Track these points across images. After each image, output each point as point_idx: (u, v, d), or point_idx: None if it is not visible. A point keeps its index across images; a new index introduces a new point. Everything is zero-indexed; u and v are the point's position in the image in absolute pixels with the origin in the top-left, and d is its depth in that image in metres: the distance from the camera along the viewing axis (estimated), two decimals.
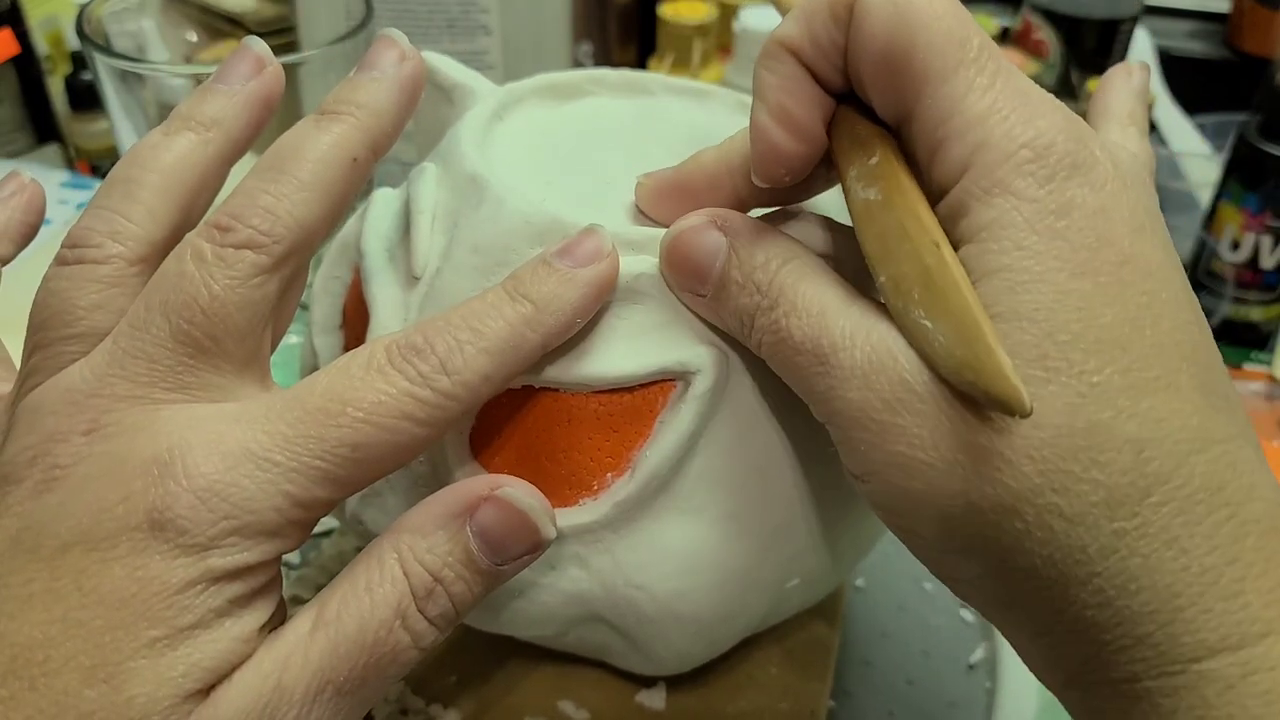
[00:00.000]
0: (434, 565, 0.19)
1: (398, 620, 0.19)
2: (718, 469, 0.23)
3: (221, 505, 0.17)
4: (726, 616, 0.25)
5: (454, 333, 0.19)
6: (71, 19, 0.55)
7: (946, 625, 0.36)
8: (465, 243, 0.23)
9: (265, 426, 0.18)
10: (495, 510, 0.19)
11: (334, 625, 0.18)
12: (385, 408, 0.18)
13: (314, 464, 0.18)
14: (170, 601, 0.17)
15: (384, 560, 0.19)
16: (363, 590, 0.19)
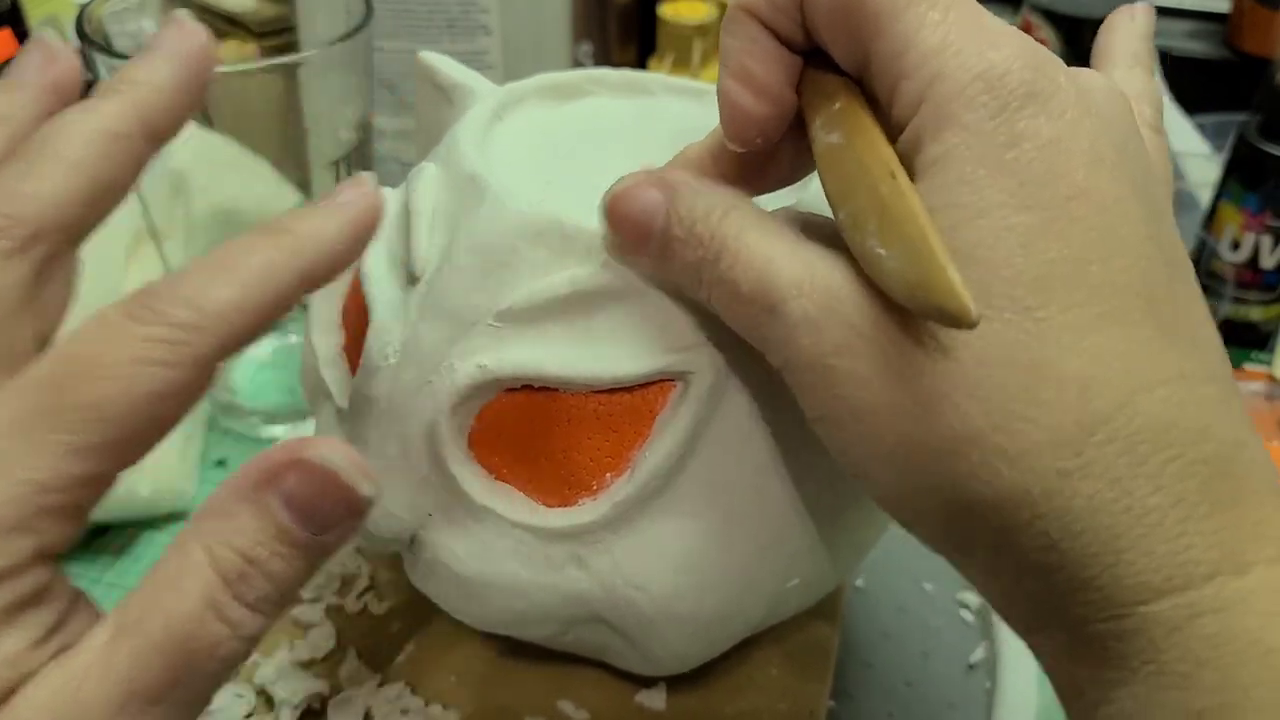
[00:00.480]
0: (243, 546, 0.17)
1: (209, 611, 0.17)
2: (717, 469, 0.23)
3: None
4: (725, 617, 0.25)
5: (197, 272, 0.18)
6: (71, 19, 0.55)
7: (946, 626, 0.36)
8: (465, 243, 0.23)
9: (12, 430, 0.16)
10: (300, 475, 0.17)
11: (136, 628, 0.16)
12: (117, 354, 0.16)
13: (52, 439, 0.16)
14: None
15: (187, 551, 0.17)
16: (166, 587, 0.17)
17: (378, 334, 0.24)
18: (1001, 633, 0.35)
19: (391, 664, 0.31)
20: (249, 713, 0.29)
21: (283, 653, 0.31)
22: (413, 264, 0.24)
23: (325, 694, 0.30)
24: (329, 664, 0.31)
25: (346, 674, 0.30)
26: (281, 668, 0.30)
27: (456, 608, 0.26)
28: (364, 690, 0.30)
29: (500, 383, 0.23)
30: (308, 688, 0.30)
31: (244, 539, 0.17)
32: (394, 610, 0.32)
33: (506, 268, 0.23)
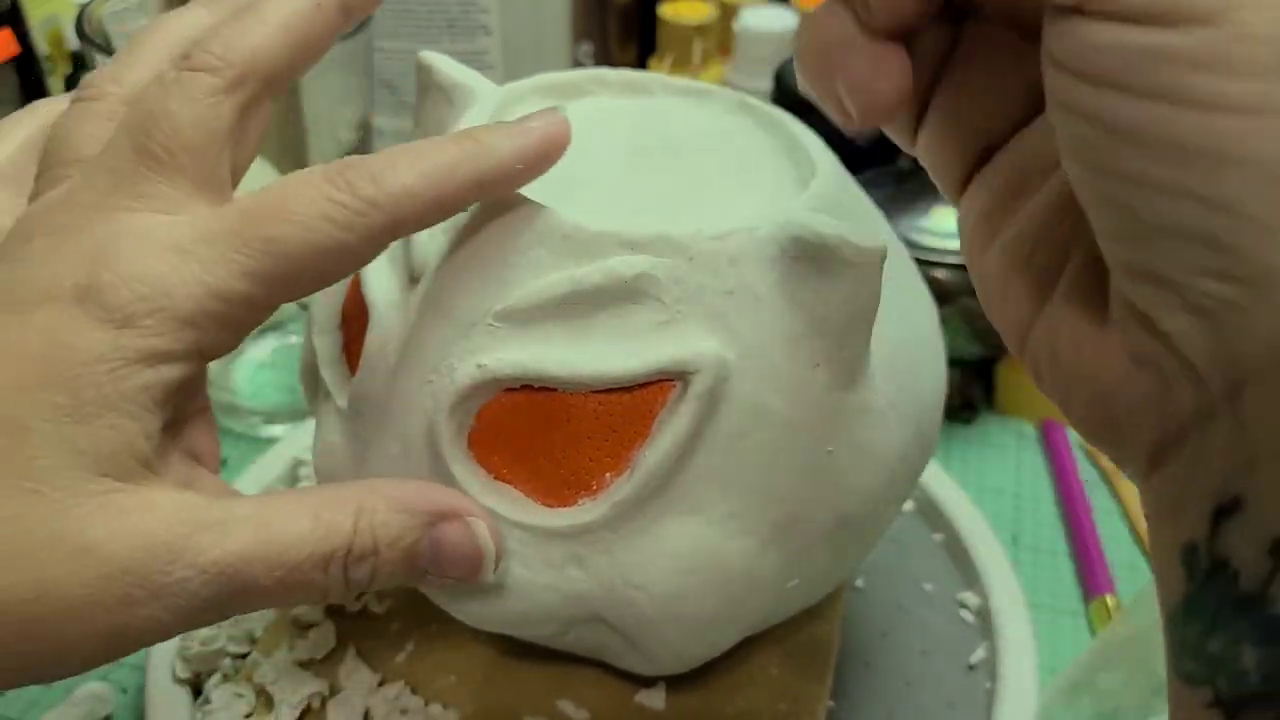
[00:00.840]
0: (383, 538, 0.20)
1: (324, 563, 0.19)
2: (717, 469, 0.23)
3: (140, 287, 0.18)
4: (726, 617, 0.25)
5: (388, 156, 0.20)
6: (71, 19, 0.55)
7: (946, 626, 0.36)
8: (465, 242, 0.23)
9: (195, 225, 0.19)
10: (459, 533, 0.21)
11: (269, 526, 0.19)
12: (306, 206, 0.19)
13: (232, 256, 0.19)
14: (80, 372, 0.18)
15: (345, 503, 0.20)
16: (311, 514, 0.19)
17: (377, 334, 0.24)
18: (1002, 633, 0.35)
19: (391, 664, 0.31)
20: (249, 712, 0.29)
21: (282, 652, 0.31)
22: (412, 264, 0.24)
23: (325, 694, 0.30)
24: (329, 663, 0.31)
25: (346, 673, 0.30)
26: (281, 667, 0.30)
27: (456, 607, 0.25)
28: (363, 690, 0.30)
29: (500, 382, 0.23)
30: (307, 687, 0.30)
31: (387, 533, 0.20)
32: (394, 610, 0.32)
33: (506, 267, 0.23)
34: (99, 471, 0.18)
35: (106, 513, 0.18)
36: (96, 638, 0.18)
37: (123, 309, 0.18)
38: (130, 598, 0.18)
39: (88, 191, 0.20)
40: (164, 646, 0.33)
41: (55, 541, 0.17)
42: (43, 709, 0.33)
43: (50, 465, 0.17)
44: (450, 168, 0.20)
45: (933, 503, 0.40)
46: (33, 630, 0.17)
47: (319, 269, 0.20)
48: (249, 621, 0.33)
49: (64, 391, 0.18)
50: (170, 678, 0.32)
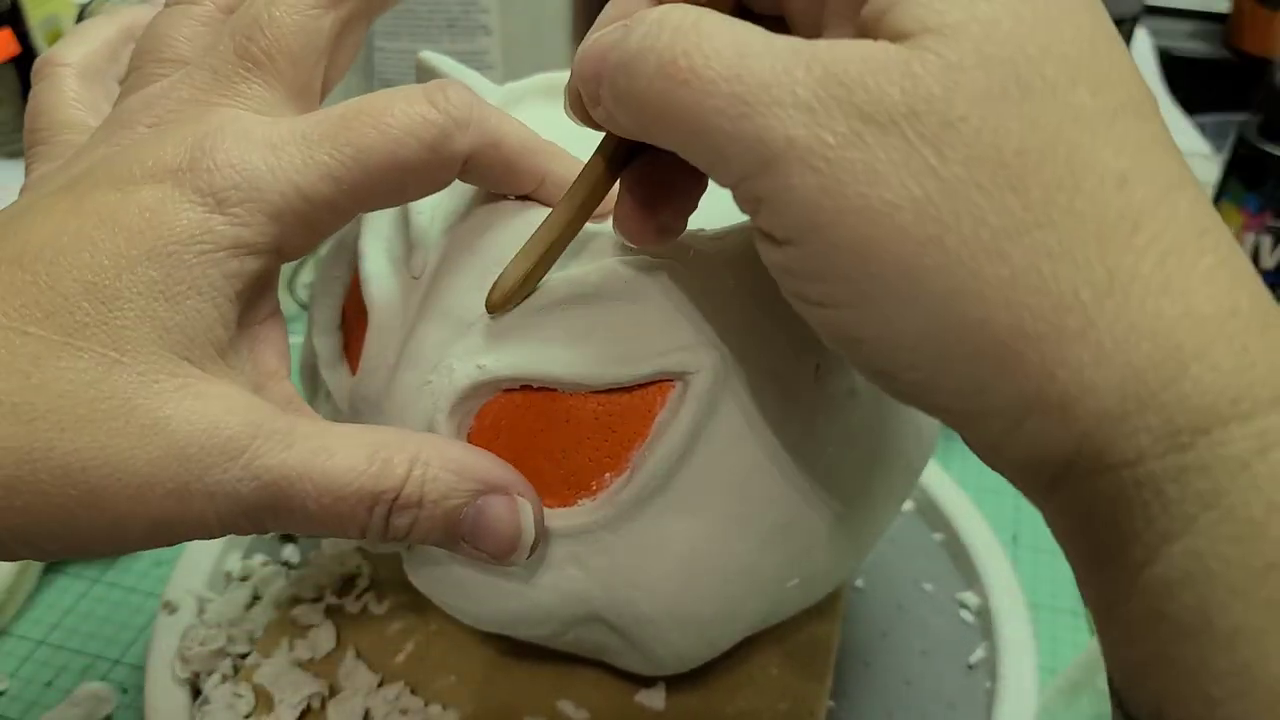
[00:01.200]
0: (430, 493, 0.20)
1: (371, 501, 0.19)
2: (716, 469, 0.23)
3: (234, 176, 0.19)
4: (725, 617, 0.25)
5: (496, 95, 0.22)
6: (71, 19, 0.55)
7: (946, 625, 0.36)
8: (465, 243, 0.23)
9: (292, 125, 0.20)
10: (503, 508, 0.21)
11: (329, 450, 0.19)
12: (401, 119, 0.20)
13: (322, 159, 0.19)
14: (175, 249, 0.18)
15: (403, 448, 0.20)
16: (370, 450, 0.19)
17: (377, 335, 0.24)
18: (1002, 633, 0.35)
19: (391, 664, 0.31)
20: (248, 713, 0.29)
21: (282, 652, 0.31)
22: (412, 264, 0.24)
23: (325, 694, 0.30)
24: (328, 664, 0.31)
25: (346, 674, 0.30)
26: (281, 667, 0.30)
27: (456, 607, 0.25)
28: (363, 690, 0.30)
29: (499, 383, 0.23)
30: (307, 688, 0.30)
31: (435, 488, 0.20)
32: (394, 610, 0.32)
33: (505, 267, 0.23)
34: (180, 354, 0.18)
35: (182, 395, 0.18)
36: (146, 519, 0.18)
37: (217, 193, 0.19)
38: (186, 489, 0.18)
39: (187, 87, 0.20)
40: (164, 647, 0.33)
41: (129, 413, 0.17)
42: (42, 709, 0.33)
43: (137, 337, 0.18)
44: (535, 150, 0.22)
45: (933, 503, 0.40)
46: (94, 500, 0.17)
47: (398, 183, 0.20)
48: (249, 622, 0.33)
49: (158, 267, 0.18)
50: (170, 678, 0.32)
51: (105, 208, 0.18)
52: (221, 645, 0.32)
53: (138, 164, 0.19)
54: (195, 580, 0.35)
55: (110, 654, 0.35)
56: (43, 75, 0.24)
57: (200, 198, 0.19)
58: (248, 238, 0.19)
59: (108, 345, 0.18)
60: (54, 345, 0.17)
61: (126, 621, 0.36)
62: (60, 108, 0.23)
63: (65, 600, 0.37)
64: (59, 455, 0.17)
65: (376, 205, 0.21)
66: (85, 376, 0.17)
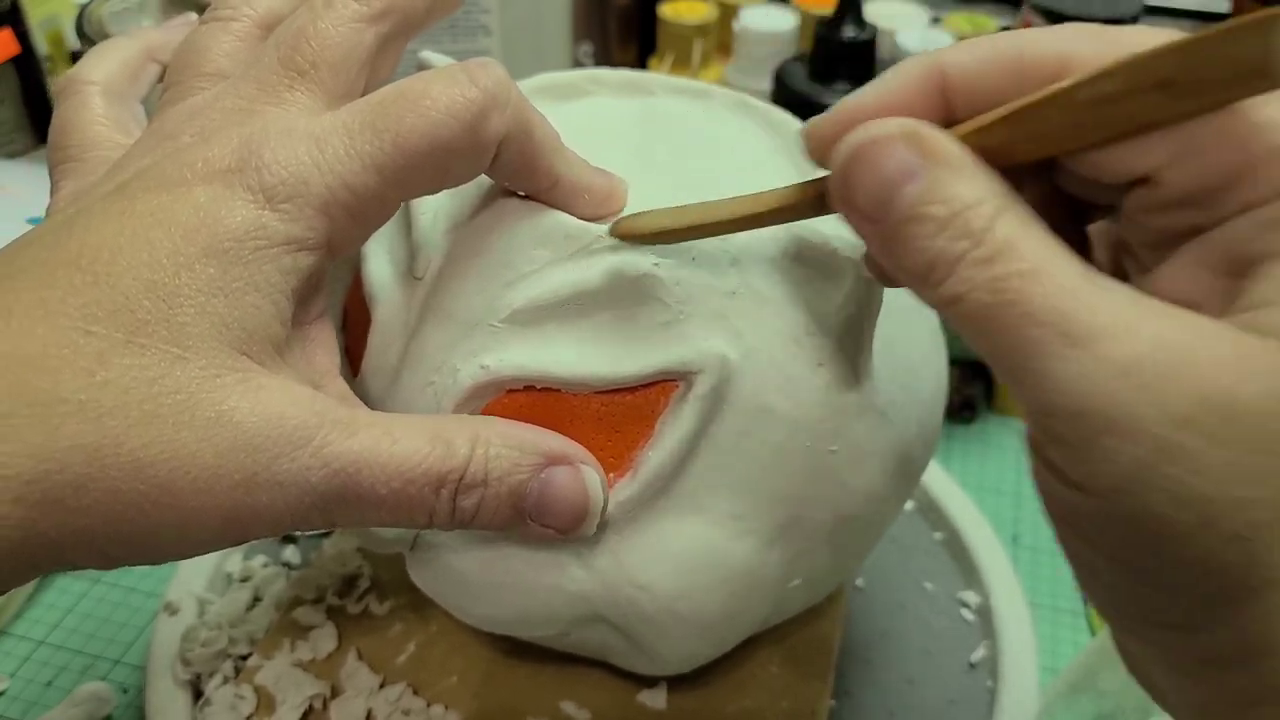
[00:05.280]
0: (494, 470, 0.20)
1: (438, 483, 0.19)
2: (720, 469, 0.23)
3: (281, 173, 0.19)
4: (729, 617, 0.25)
5: None
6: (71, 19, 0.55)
7: (947, 624, 0.36)
8: (468, 243, 0.23)
9: (332, 118, 0.20)
10: (568, 478, 0.21)
11: (392, 434, 0.19)
12: (434, 100, 0.20)
13: (364, 149, 0.19)
14: (230, 246, 0.18)
15: (463, 429, 0.20)
16: (431, 433, 0.20)
17: (380, 336, 0.24)
18: (1003, 632, 0.35)
19: (392, 665, 0.31)
20: (250, 714, 0.29)
21: (284, 654, 0.31)
22: (414, 265, 0.24)
23: (326, 695, 0.30)
24: (330, 664, 0.31)
25: (347, 675, 0.30)
26: (283, 669, 0.30)
27: (459, 608, 0.25)
28: (365, 691, 0.30)
29: (502, 383, 0.23)
30: (309, 689, 0.30)
31: (498, 466, 0.20)
32: (395, 611, 0.32)
33: (509, 268, 0.23)
34: (240, 349, 0.18)
35: (245, 388, 0.18)
36: (217, 515, 0.18)
37: (267, 190, 0.19)
38: (254, 479, 0.18)
39: (232, 98, 0.20)
40: (165, 648, 0.33)
41: (194, 407, 0.18)
42: (42, 709, 0.33)
43: (198, 333, 0.18)
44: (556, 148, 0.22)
45: (933, 502, 0.40)
46: (163, 496, 0.17)
47: (439, 167, 0.20)
48: (250, 623, 0.33)
49: (215, 264, 0.18)
50: (171, 679, 0.32)
51: (159, 209, 0.18)
52: (223, 647, 0.32)
53: (187, 167, 0.19)
54: (196, 582, 0.35)
55: (110, 654, 0.35)
56: (69, 93, 0.24)
57: (251, 195, 0.19)
58: (299, 233, 0.19)
59: (170, 342, 0.18)
60: (117, 343, 0.17)
61: (126, 621, 0.36)
62: (89, 125, 0.23)
63: (65, 600, 0.37)
64: (128, 451, 0.17)
65: (420, 190, 0.21)
66: (149, 373, 0.17)
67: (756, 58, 0.57)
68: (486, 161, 0.21)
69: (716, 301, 0.23)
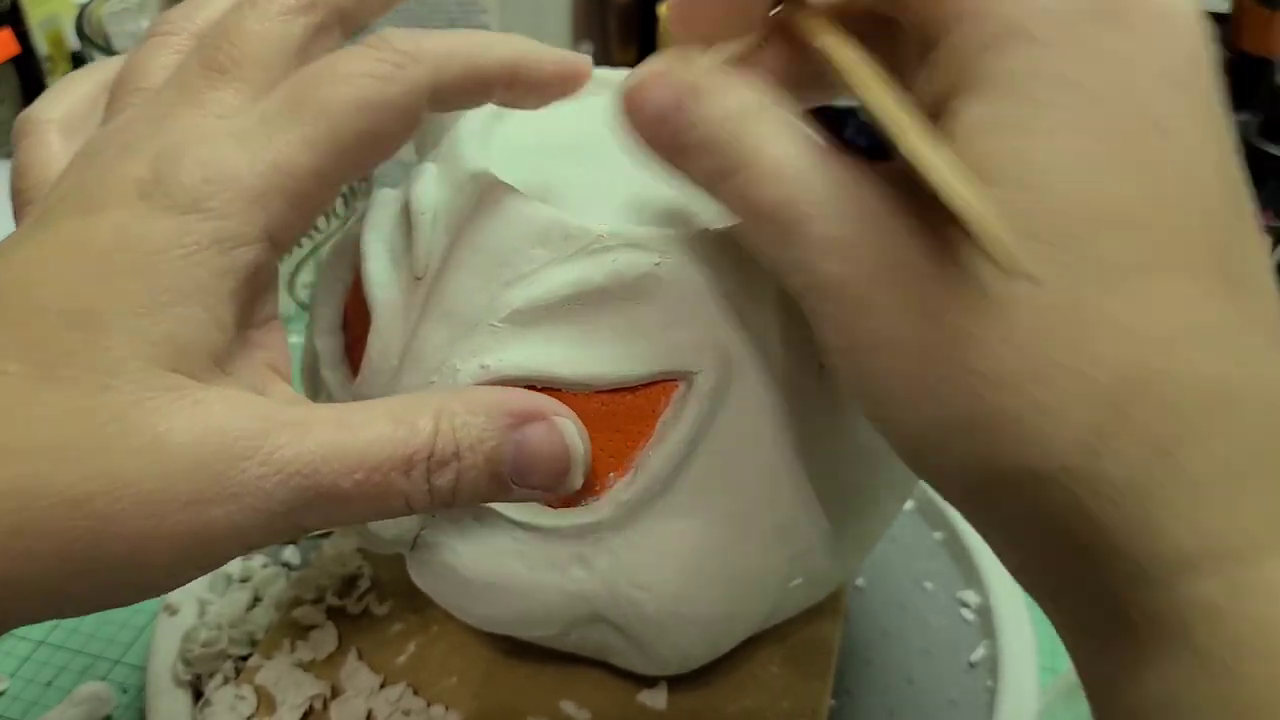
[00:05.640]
0: (464, 440, 0.19)
1: (406, 465, 0.18)
2: (721, 468, 0.23)
3: (203, 171, 0.18)
4: (729, 616, 0.25)
5: (431, 31, 0.21)
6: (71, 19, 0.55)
7: (947, 624, 0.36)
8: (468, 243, 0.23)
9: (246, 115, 0.19)
10: (543, 433, 0.20)
11: (348, 425, 0.18)
12: (351, 65, 0.20)
13: (290, 128, 0.19)
14: (152, 261, 0.18)
15: (423, 405, 0.19)
16: (391, 415, 0.19)
17: (380, 335, 0.24)
18: (1003, 632, 0.35)
19: (393, 665, 0.31)
20: (250, 714, 0.29)
21: (284, 654, 0.31)
22: (415, 264, 0.24)
23: (327, 695, 0.30)
24: (330, 665, 0.31)
25: (347, 675, 0.30)
26: (283, 669, 0.30)
27: (460, 608, 0.25)
28: (365, 691, 0.30)
29: (503, 383, 0.23)
30: (309, 689, 0.30)
31: (468, 434, 0.19)
32: (395, 611, 0.32)
33: (509, 268, 0.23)
34: (171, 366, 0.18)
35: (178, 406, 0.17)
36: (173, 540, 0.17)
37: (187, 193, 0.18)
38: (204, 495, 0.17)
39: (154, 105, 0.20)
40: (165, 649, 0.33)
41: (127, 434, 0.17)
42: (42, 709, 0.33)
43: (122, 357, 0.17)
44: (488, 44, 0.22)
45: (932, 501, 0.40)
46: (110, 529, 0.16)
47: (370, 128, 0.20)
48: (250, 623, 0.33)
49: (137, 281, 0.17)
50: (171, 680, 0.32)
51: (76, 233, 0.18)
52: (223, 647, 0.32)
53: (100, 187, 0.18)
54: (196, 582, 0.35)
55: (110, 654, 0.35)
56: (25, 133, 0.23)
57: (170, 200, 0.18)
58: (231, 229, 0.18)
59: (95, 370, 0.17)
60: (35, 380, 0.17)
61: (126, 621, 0.36)
62: (46, 164, 0.22)
63: None
64: (60, 488, 0.16)
65: (359, 160, 0.20)
66: (74, 404, 0.17)
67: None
68: (417, 111, 0.20)
69: (717, 300, 0.23)
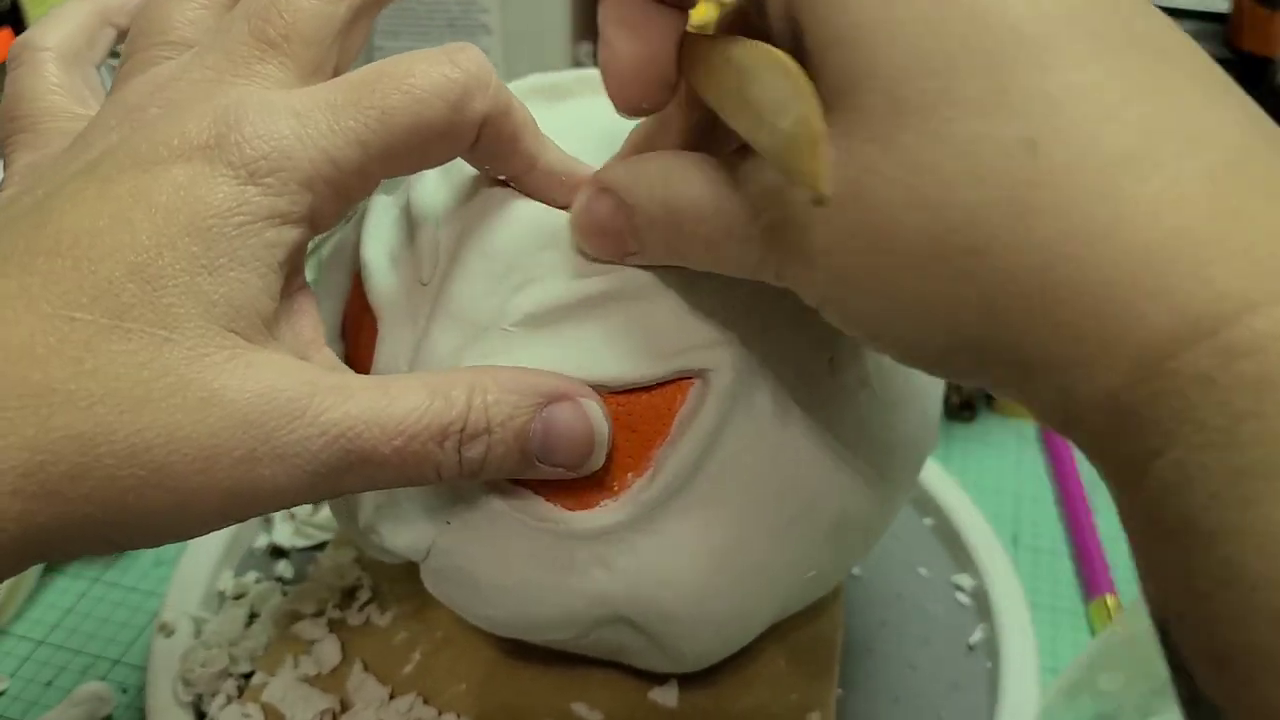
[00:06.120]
0: (495, 416, 0.20)
1: (440, 435, 0.20)
2: (738, 464, 0.23)
3: (264, 145, 0.19)
4: (748, 610, 0.25)
5: None
6: None
7: (943, 609, 0.36)
8: (475, 247, 0.23)
9: (312, 93, 0.20)
10: (570, 413, 0.21)
11: (388, 393, 0.19)
12: (423, 79, 0.20)
13: (347, 124, 0.19)
14: (212, 223, 0.18)
15: (458, 380, 0.20)
16: (427, 388, 0.20)
17: (388, 342, 0.24)
18: (999, 613, 0.35)
19: (399, 675, 0.30)
20: None
21: (287, 669, 0.30)
22: (420, 269, 0.24)
23: (336, 709, 0.29)
24: (336, 678, 0.30)
25: (355, 688, 0.30)
26: (288, 685, 0.30)
27: (478, 615, 0.25)
28: (375, 703, 0.29)
29: None
30: (318, 703, 0.29)
31: (498, 412, 0.20)
32: (397, 621, 0.32)
33: (517, 271, 0.23)
34: (228, 326, 0.18)
35: (234, 365, 0.18)
36: (219, 493, 0.18)
37: (249, 164, 0.18)
38: (254, 453, 0.18)
39: (199, 68, 0.20)
40: (163, 670, 0.32)
41: (184, 388, 0.17)
42: (42, 709, 0.33)
43: (184, 314, 0.18)
44: (535, 131, 0.22)
45: (921, 488, 0.40)
46: (162, 479, 0.17)
47: (422, 146, 0.20)
48: (250, 640, 0.33)
49: (198, 241, 0.18)
50: (173, 702, 0.31)
51: (137, 189, 0.18)
52: (224, 666, 0.32)
53: (162, 144, 0.19)
54: (189, 601, 0.35)
55: (110, 654, 0.35)
56: (21, 61, 0.23)
57: (232, 170, 0.18)
58: (283, 207, 0.19)
59: (155, 324, 0.17)
60: (103, 329, 0.17)
61: (126, 621, 0.36)
62: (42, 94, 0.22)
63: (65, 600, 0.37)
64: (121, 437, 0.17)
65: (401, 169, 0.21)
66: (137, 358, 0.17)
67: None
68: (467, 142, 0.21)
69: (727, 298, 0.23)
